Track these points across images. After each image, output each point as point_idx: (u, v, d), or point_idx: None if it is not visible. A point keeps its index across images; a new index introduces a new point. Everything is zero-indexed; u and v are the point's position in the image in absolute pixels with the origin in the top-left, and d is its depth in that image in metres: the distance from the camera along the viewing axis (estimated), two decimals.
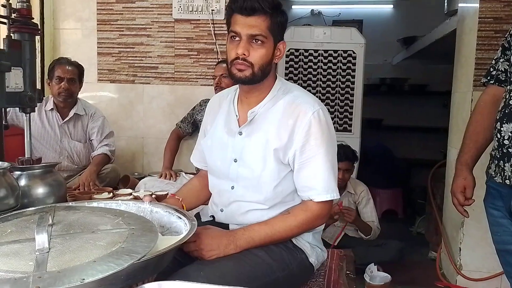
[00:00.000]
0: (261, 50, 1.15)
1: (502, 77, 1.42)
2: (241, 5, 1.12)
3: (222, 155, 1.27)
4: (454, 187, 1.48)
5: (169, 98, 2.64)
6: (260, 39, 1.15)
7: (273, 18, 1.15)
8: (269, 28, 1.15)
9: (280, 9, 1.17)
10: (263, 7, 1.12)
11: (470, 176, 1.46)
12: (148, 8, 2.66)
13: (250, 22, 1.13)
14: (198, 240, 1.10)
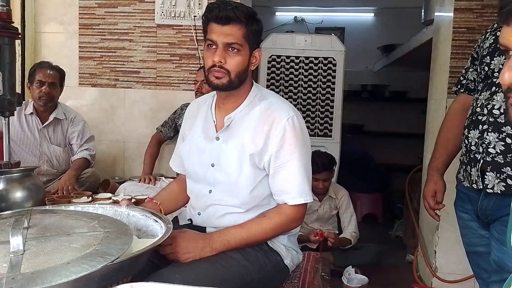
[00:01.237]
0: (237, 57, 1.19)
1: (471, 86, 1.48)
2: (217, 14, 1.16)
3: (199, 160, 1.29)
4: (425, 192, 1.54)
5: (151, 103, 2.66)
6: (236, 47, 1.18)
7: (248, 27, 1.19)
8: (245, 37, 1.18)
9: (255, 18, 1.21)
10: (238, 16, 1.15)
11: (441, 181, 1.52)
12: (131, 13, 2.67)
13: (225, 31, 1.16)
14: (174, 243, 1.12)
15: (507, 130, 1.23)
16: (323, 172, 2.59)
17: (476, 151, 1.30)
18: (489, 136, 1.26)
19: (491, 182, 1.27)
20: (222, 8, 1.15)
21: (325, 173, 2.62)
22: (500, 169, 1.25)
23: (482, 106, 1.30)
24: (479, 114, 1.30)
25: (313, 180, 2.61)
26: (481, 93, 1.33)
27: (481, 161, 1.28)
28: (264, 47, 3.12)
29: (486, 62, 1.35)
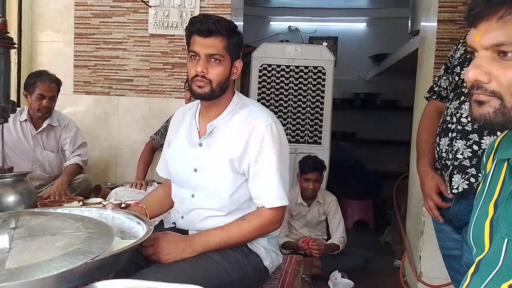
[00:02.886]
0: (218, 68, 1.26)
1: (443, 94, 1.55)
2: (199, 27, 1.23)
3: (183, 165, 1.35)
4: (427, 190, 1.46)
5: (143, 110, 2.72)
6: (218, 58, 1.25)
7: (229, 39, 1.26)
8: (226, 48, 1.25)
9: (235, 31, 1.28)
10: (219, 29, 1.22)
11: (436, 174, 1.46)
12: (125, 23, 2.74)
13: (207, 43, 1.23)
14: (156, 244, 1.18)
15: (473, 138, 1.30)
16: (314, 172, 2.68)
17: (446, 157, 1.37)
18: (458, 143, 1.33)
19: (456, 183, 1.33)
20: (204, 22, 1.22)
21: (315, 174, 2.70)
22: (465, 171, 1.31)
23: (452, 115, 1.36)
24: (449, 123, 1.37)
25: (304, 180, 2.75)
26: (452, 102, 1.40)
27: (451, 167, 1.35)
28: (256, 56, 3.20)
29: (457, 72, 1.42)
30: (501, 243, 0.72)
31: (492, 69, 0.67)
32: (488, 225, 0.77)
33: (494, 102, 0.68)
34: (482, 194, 0.84)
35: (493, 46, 0.67)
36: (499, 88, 0.67)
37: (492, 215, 0.77)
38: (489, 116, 0.69)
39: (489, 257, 0.76)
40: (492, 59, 0.68)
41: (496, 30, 0.66)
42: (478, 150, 1.29)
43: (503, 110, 0.67)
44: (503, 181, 0.78)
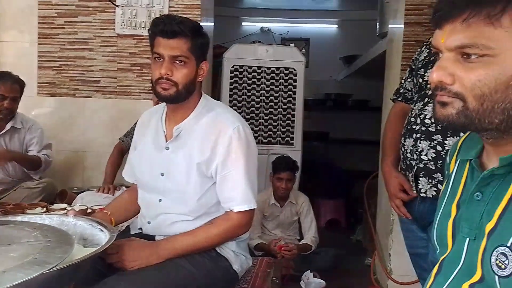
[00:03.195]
0: (183, 70, 1.23)
1: (408, 95, 1.58)
2: (162, 28, 1.20)
3: (150, 169, 1.32)
4: (391, 189, 1.47)
5: (111, 112, 2.65)
6: (182, 59, 1.23)
7: (193, 41, 1.23)
8: (191, 50, 1.23)
9: (200, 32, 1.26)
10: (183, 31, 1.20)
11: (399, 173, 1.48)
12: (91, 22, 2.67)
13: (171, 44, 1.21)
14: (121, 251, 1.15)
15: (437, 139, 1.33)
16: (286, 171, 2.71)
17: (411, 158, 1.39)
18: (422, 144, 1.35)
19: (424, 187, 1.36)
20: (168, 23, 1.20)
21: (288, 173, 2.72)
22: (432, 175, 1.34)
23: (416, 116, 1.39)
24: (413, 124, 1.39)
25: (277, 180, 2.75)
26: (416, 103, 1.43)
27: (416, 167, 1.38)
28: (227, 57, 3.18)
29: (421, 74, 1.45)
30: (463, 242, 0.74)
31: (456, 70, 0.68)
32: (451, 225, 0.79)
33: (457, 103, 0.69)
34: (445, 194, 0.86)
35: (457, 48, 0.67)
36: (462, 90, 0.67)
37: (455, 215, 0.78)
38: (452, 117, 0.69)
39: (451, 257, 0.77)
40: (456, 61, 0.68)
41: (460, 32, 0.66)
42: (441, 151, 1.32)
43: (466, 112, 0.68)
44: (465, 181, 0.80)
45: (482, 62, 0.65)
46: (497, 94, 0.65)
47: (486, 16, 0.64)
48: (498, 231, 0.65)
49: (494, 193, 0.69)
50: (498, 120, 0.66)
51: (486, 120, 0.67)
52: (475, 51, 0.65)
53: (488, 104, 0.66)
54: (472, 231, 0.71)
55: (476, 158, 0.76)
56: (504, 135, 0.69)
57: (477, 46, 0.65)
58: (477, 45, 0.65)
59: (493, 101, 0.66)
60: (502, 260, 0.63)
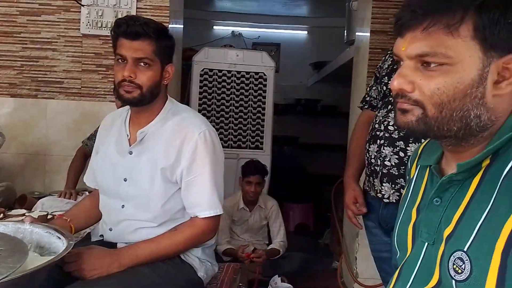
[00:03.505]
0: (148, 72, 1.20)
1: (374, 103, 1.61)
2: (125, 29, 1.17)
3: (112, 174, 1.29)
4: (346, 200, 1.58)
5: (75, 114, 2.56)
6: (146, 62, 1.20)
7: (158, 42, 1.21)
8: (155, 52, 1.20)
9: (165, 34, 1.24)
10: (147, 32, 1.18)
11: (357, 186, 1.57)
12: (55, 22, 2.57)
13: (135, 46, 1.18)
14: (79, 259, 1.10)
15: (400, 145, 1.36)
16: (255, 175, 2.71)
17: (375, 163, 1.42)
18: (385, 150, 1.38)
19: (387, 192, 1.39)
20: (131, 24, 1.17)
21: (257, 176, 2.72)
22: (394, 180, 1.37)
23: (380, 123, 1.42)
24: (377, 130, 1.42)
25: (246, 183, 2.75)
26: (380, 110, 1.46)
27: (380, 173, 1.40)
28: (197, 60, 3.16)
29: (385, 82, 1.48)
30: (421, 247, 0.75)
31: (416, 78, 0.69)
32: (411, 229, 0.80)
33: (416, 111, 0.70)
34: (406, 199, 0.87)
35: (417, 56, 0.68)
36: (422, 98, 0.69)
37: (415, 220, 0.80)
38: (412, 124, 0.71)
39: (409, 261, 0.79)
40: (416, 69, 0.69)
41: (420, 41, 0.67)
42: (404, 157, 1.35)
43: (425, 119, 0.69)
44: (425, 187, 0.81)
45: (441, 70, 0.67)
46: (455, 102, 0.67)
47: (446, 25, 0.65)
48: (455, 236, 0.67)
49: (453, 198, 0.70)
50: (456, 127, 0.68)
51: (444, 128, 0.69)
52: (435, 60, 0.67)
53: (446, 112, 0.68)
54: (431, 235, 0.73)
55: (436, 164, 0.78)
56: (462, 142, 0.70)
57: (436, 54, 0.66)
58: (437, 54, 0.66)
59: (452, 109, 0.67)
60: (459, 265, 0.64)
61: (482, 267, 0.61)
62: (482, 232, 0.63)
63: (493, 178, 0.65)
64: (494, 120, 0.68)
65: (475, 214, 0.65)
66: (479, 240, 0.63)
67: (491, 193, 0.64)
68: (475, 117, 0.67)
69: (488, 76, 0.66)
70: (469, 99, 0.67)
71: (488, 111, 0.68)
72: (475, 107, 0.67)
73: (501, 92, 0.67)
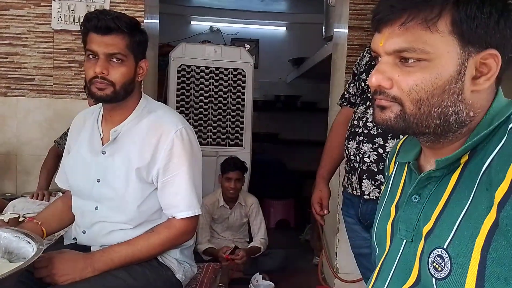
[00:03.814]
0: (121, 68, 1.16)
1: (352, 100, 1.61)
2: (96, 24, 1.12)
3: (85, 175, 1.24)
4: (312, 198, 1.64)
5: (47, 112, 2.48)
6: (119, 57, 1.15)
7: (131, 37, 1.16)
8: (128, 47, 1.16)
9: (138, 29, 1.19)
10: (119, 27, 1.13)
11: (326, 188, 1.63)
12: (25, 16, 2.47)
13: (107, 41, 1.13)
14: (50, 265, 1.06)
15: (379, 141, 1.36)
16: (235, 171, 2.69)
17: (354, 160, 1.42)
18: (364, 147, 1.38)
19: (367, 189, 1.39)
20: (101, 18, 1.12)
21: (236, 172, 2.70)
22: (374, 177, 1.37)
23: (359, 119, 1.42)
24: (356, 127, 1.42)
25: (225, 180, 2.72)
26: (358, 107, 1.46)
27: (359, 169, 1.40)
28: (174, 56, 3.10)
29: (363, 79, 1.48)
30: (400, 244, 0.75)
31: (394, 75, 0.68)
32: (390, 226, 0.79)
33: (395, 107, 0.69)
34: (384, 196, 0.87)
35: (395, 52, 0.67)
36: (400, 94, 0.68)
37: (394, 216, 0.79)
38: (390, 121, 0.70)
39: (387, 259, 0.78)
40: (394, 65, 0.68)
41: (398, 36, 0.66)
42: (383, 153, 1.35)
43: (404, 116, 0.68)
44: (404, 183, 0.80)
45: (419, 66, 0.66)
46: (433, 99, 0.66)
47: (423, 20, 0.64)
48: (435, 233, 0.66)
49: (431, 195, 0.70)
50: (435, 124, 0.67)
51: (423, 124, 0.68)
52: (413, 55, 0.66)
53: (425, 109, 0.67)
54: (409, 233, 0.72)
55: (414, 160, 0.77)
56: (441, 139, 0.70)
57: (414, 50, 0.65)
58: (415, 49, 0.65)
59: (430, 105, 0.66)
60: (439, 262, 0.63)
61: (462, 265, 0.61)
62: (461, 229, 0.62)
63: (471, 175, 0.64)
64: (472, 116, 0.68)
65: (454, 211, 0.64)
66: (459, 237, 0.62)
67: (470, 189, 0.63)
68: (454, 113, 0.67)
69: (466, 72, 0.66)
70: (447, 95, 0.66)
71: (467, 107, 0.67)
72: (454, 103, 0.67)
73: (479, 87, 0.67)
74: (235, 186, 2.72)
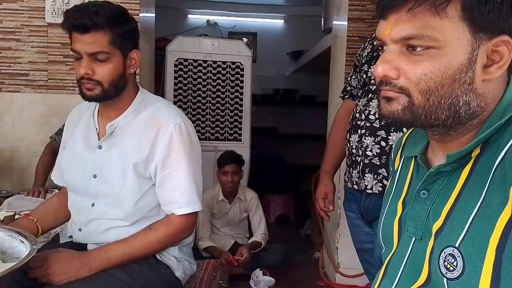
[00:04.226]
0: (106, 66, 1.10)
1: (354, 92, 1.58)
2: (72, 22, 1.06)
3: (80, 170, 1.20)
4: (316, 194, 1.61)
5: (42, 108, 2.43)
6: (103, 55, 1.09)
7: (114, 31, 1.09)
8: (111, 43, 1.09)
9: (121, 19, 1.12)
10: (97, 23, 1.06)
11: (330, 183, 1.59)
12: (18, 10, 2.42)
13: (87, 40, 1.07)
14: (46, 264, 1.03)
15: (381, 134, 1.33)
16: (230, 164, 2.67)
17: (356, 154, 1.38)
18: (367, 140, 1.35)
19: (370, 183, 1.35)
20: (77, 16, 1.06)
21: (232, 165, 2.67)
22: (376, 171, 1.34)
23: (361, 112, 1.38)
24: (358, 120, 1.39)
25: (222, 174, 2.69)
26: (360, 99, 1.42)
27: (361, 163, 1.37)
28: (170, 50, 3.05)
29: (364, 70, 1.44)
30: (408, 242, 0.71)
31: (401, 64, 0.64)
32: (397, 223, 0.76)
33: (402, 99, 0.65)
34: (390, 191, 0.83)
35: (402, 40, 0.63)
36: (408, 85, 0.64)
37: (401, 213, 0.75)
38: (397, 113, 0.65)
39: (395, 257, 0.75)
40: (401, 54, 0.64)
41: (405, 23, 0.62)
42: (385, 146, 1.32)
43: (411, 108, 0.64)
44: (411, 178, 0.77)
45: (428, 54, 0.62)
46: (443, 89, 0.63)
47: (432, 5, 0.61)
48: (445, 231, 0.63)
49: (441, 190, 0.67)
50: (444, 115, 0.64)
51: (432, 116, 0.64)
52: (421, 43, 0.62)
53: (434, 99, 0.63)
54: (418, 230, 0.69)
55: (422, 154, 0.74)
56: (451, 131, 0.66)
57: (423, 37, 0.62)
58: (423, 36, 0.61)
59: (440, 96, 0.63)
60: (451, 262, 0.60)
61: (475, 264, 0.57)
62: (474, 226, 0.59)
63: (484, 169, 0.61)
64: (483, 107, 0.64)
65: (466, 207, 0.61)
66: (472, 235, 0.59)
67: (482, 184, 0.60)
68: (464, 104, 0.63)
69: (477, 60, 0.62)
70: (457, 85, 0.63)
71: (478, 97, 0.64)
72: (464, 94, 0.63)
73: (491, 76, 0.64)
74: (232, 179, 2.69)
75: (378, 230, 0.84)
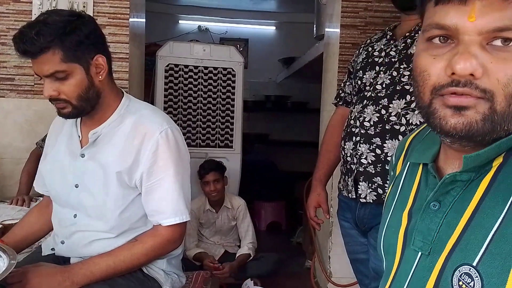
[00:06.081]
0: (68, 83, 1.05)
1: (348, 99, 1.55)
2: (18, 49, 1.02)
3: (62, 180, 1.15)
4: (308, 202, 1.57)
5: (28, 113, 2.37)
6: (59, 74, 1.04)
7: (63, 46, 1.02)
8: (65, 59, 1.03)
9: (67, 31, 1.02)
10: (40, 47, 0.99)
11: (323, 192, 1.56)
12: (4, 13, 2.37)
13: (39, 63, 1.03)
14: (25, 279, 0.97)
15: (376, 142, 1.29)
16: (210, 172, 2.61)
17: (351, 161, 1.35)
18: (361, 148, 1.31)
19: (363, 191, 1.32)
20: (18, 42, 1.01)
21: (212, 174, 2.62)
22: (371, 179, 1.30)
23: (355, 119, 1.35)
24: (352, 126, 1.35)
25: (204, 184, 2.63)
26: (355, 106, 1.39)
27: (355, 171, 1.33)
28: (161, 55, 3.01)
29: (359, 77, 1.42)
30: (414, 257, 0.64)
31: (487, 61, 0.52)
32: (402, 236, 0.69)
33: (481, 106, 0.53)
34: (393, 199, 0.75)
35: (494, 31, 0.52)
36: (493, 87, 0.52)
37: (406, 225, 0.68)
38: (476, 126, 0.53)
39: (399, 273, 0.69)
40: (483, 49, 0.53)
41: (499, 10, 0.51)
42: (380, 154, 1.29)
43: (493, 116, 0.53)
44: (418, 187, 0.70)
45: None
46: None
47: None
48: (461, 247, 0.56)
49: (455, 202, 0.59)
50: None
51: (505, 126, 0.54)
52: None
53: None
54: (427, 244, 0.62)
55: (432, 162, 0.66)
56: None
57: None
58: None
59: None
60: (467, 282, 0.54)
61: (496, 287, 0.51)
62: (495, 244, 0.53)
63: (508, 180, 0.54)
64: None
65: (486, 222, 0.54)
66: (492, 253, 0.52)
67: (506, 197, 0.53)
68: None
69: None
70: None
71: None
72: None
73: None
74: (215, 187, 2.63)
75: (379, 241, 0.78)
